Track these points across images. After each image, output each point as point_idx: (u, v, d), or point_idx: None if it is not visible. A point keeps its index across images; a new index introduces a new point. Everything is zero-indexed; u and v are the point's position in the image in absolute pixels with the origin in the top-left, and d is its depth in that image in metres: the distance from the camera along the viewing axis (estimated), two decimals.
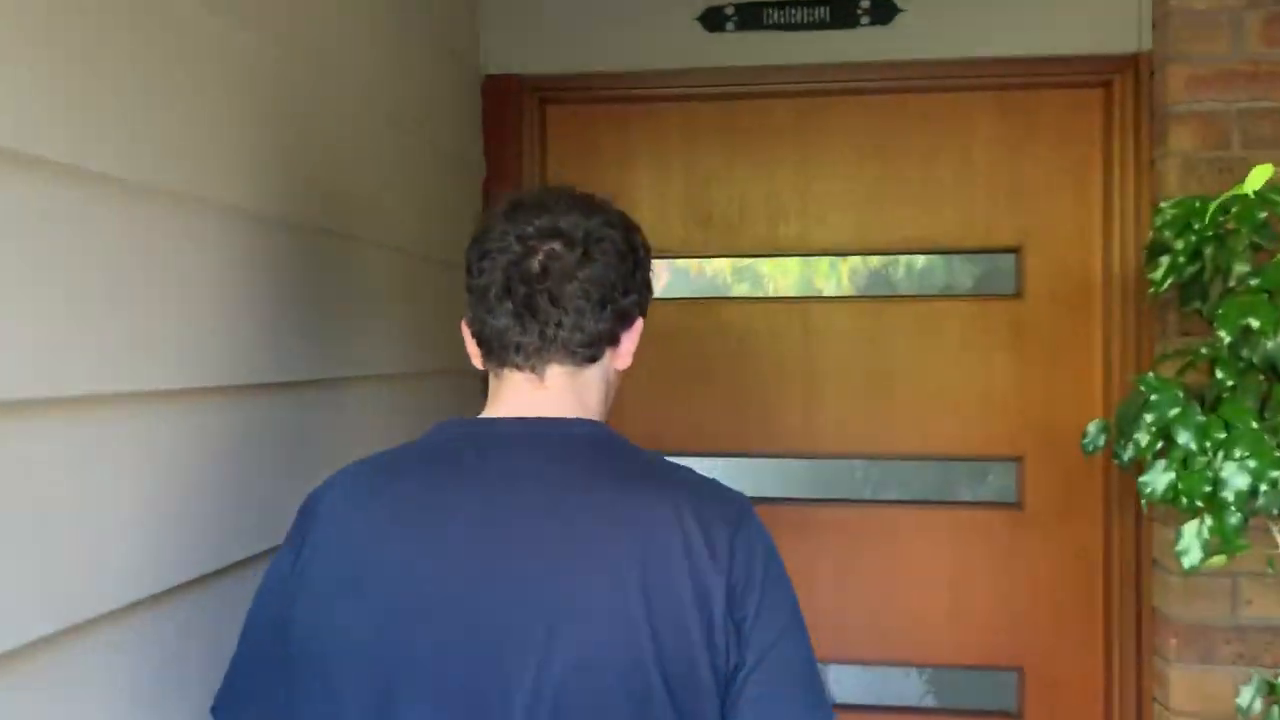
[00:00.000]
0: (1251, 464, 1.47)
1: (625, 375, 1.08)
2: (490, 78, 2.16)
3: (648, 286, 1.06)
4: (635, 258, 1.04)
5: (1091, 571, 2.02)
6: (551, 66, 2.14)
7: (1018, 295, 2.06)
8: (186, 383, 1.08)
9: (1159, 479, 1.55)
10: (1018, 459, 2.06)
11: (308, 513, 0.98)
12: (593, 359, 1.01)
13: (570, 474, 0.94)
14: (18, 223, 0.83)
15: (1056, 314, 2.04)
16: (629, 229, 1.04)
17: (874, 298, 2.15)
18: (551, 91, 2.18)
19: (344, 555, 0.93)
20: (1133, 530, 1.97)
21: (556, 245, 0.99)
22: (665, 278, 2.28)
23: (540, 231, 0.99)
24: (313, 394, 1.38)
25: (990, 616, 2.05)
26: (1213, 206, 1.57)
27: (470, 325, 1.02)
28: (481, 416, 1.01)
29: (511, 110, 2.16)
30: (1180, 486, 1.52)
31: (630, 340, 1.04)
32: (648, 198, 2.17)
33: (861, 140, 2.09)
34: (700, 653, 0.88)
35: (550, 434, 0.97)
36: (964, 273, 2.12)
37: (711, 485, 0.98)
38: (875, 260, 2.16)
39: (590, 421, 1.00)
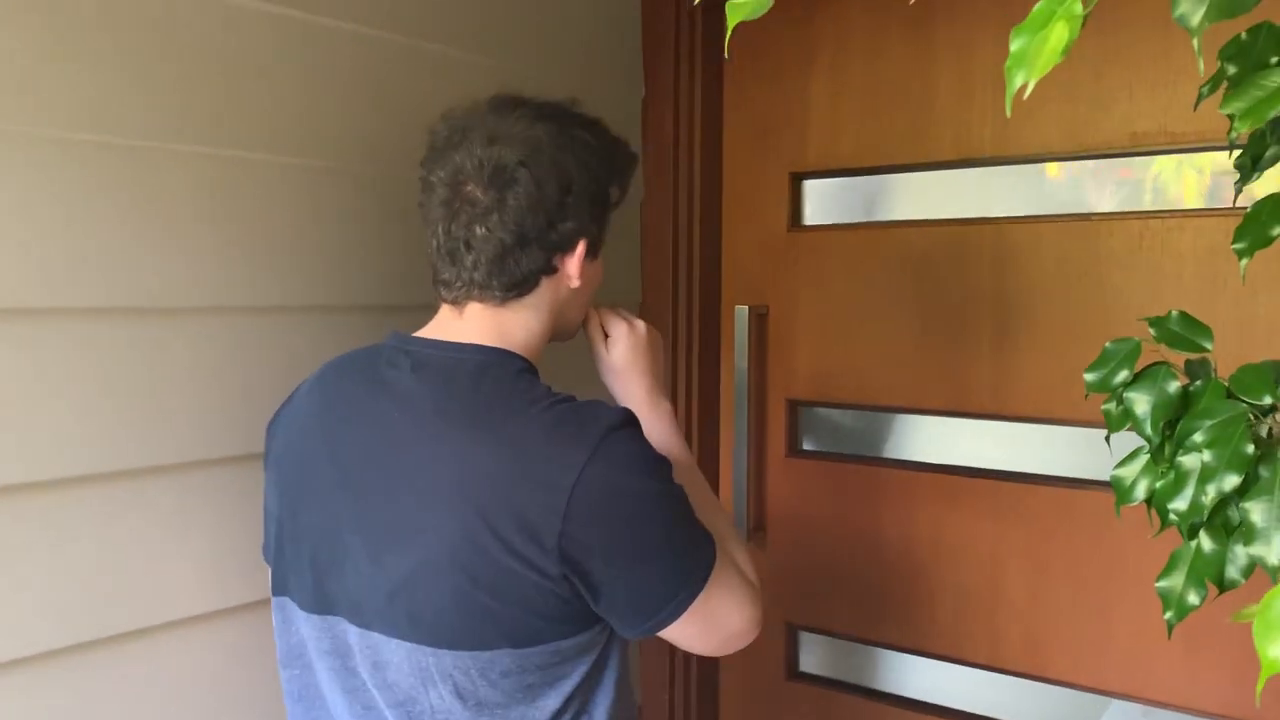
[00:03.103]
0: None
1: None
2: None
3: (592, 206, 1.05)
4: (566, 183, 1.01)
5: None
6: None
7: None
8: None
9: None
10: None
11: (289, 397, 1.16)
12: (518, 295, 1.04)
13: (436, 399, 1.00)
14: None
15: None
16: (561, 149, 1.01)
17: (1091, 216, 1.61)
18: None
19: (281, 438, 1.11)
20: None
21: (474, 189, 1.00)
22: (832, 201, 1.91)
23: (458, 172, 1.01)
24: None
25: (1246, 649, 1.49)
26: None
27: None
28: (415, 334, 1.08)
29: (666, 12, 1.91)
30: None
31: (574, 264, 1.05)
32: (822, 110, 1.83)
33: None
34: (512, 575, 0.92)
35: (446, 358, 1.02)
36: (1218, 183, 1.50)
37: (565, 432, 0.95)
38: (1091, 166, 1.61)
39: (487, 349, 1.02)
